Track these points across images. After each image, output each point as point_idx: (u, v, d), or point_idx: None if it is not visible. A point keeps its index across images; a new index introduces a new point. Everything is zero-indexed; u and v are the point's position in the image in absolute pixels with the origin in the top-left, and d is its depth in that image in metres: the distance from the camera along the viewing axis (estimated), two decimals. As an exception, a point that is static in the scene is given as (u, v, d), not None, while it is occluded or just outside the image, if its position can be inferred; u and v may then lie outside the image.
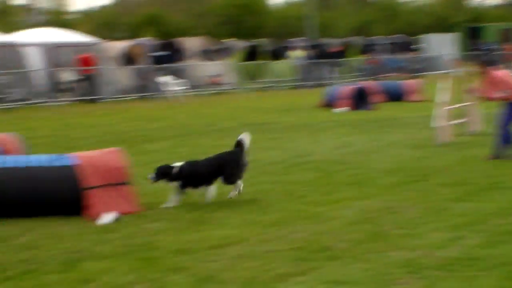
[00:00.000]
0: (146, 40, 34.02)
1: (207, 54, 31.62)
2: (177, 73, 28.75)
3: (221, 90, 30.62)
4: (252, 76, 32.30)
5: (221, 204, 8.83)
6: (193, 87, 29.55)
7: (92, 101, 25.38)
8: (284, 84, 33.37)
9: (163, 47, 30.89)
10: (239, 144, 8.95)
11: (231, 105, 24.36)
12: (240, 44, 35.36)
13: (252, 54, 33.74)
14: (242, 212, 8.41)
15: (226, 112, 21.39)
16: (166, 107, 23.84)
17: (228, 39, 39.77)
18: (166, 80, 26.93)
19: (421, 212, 8.21)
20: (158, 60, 29.18)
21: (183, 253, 6.76)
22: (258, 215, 8.25)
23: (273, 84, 32.50)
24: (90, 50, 25.86)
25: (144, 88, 27.39)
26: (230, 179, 8.85)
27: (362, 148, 13.30)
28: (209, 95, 29.26)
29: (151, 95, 27.27)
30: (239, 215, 8.25)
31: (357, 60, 38.95)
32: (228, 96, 29.23)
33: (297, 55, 34.05)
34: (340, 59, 35.87)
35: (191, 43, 31.65)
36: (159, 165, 9.11)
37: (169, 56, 29.60)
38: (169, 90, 26.76)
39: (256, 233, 7.42)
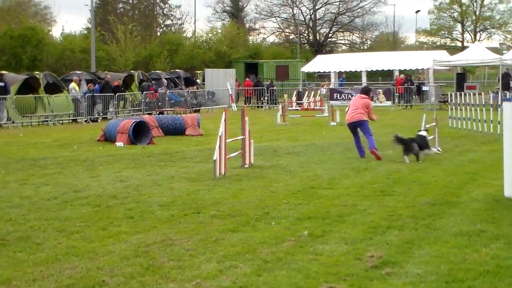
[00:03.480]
0: None
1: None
2: None
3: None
4: (27, 110, 31.15)
5: (-12, 243, 8.41)
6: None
7: None
8: (63, 118, 32.60)
9: None
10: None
11: (3, 140, 23.29)
12: (15, 77, 33.79)
13: (28, 87, 32.44)
14: (10, 251, 8.06)
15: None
16: None
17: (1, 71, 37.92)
18: None
19: (195, 244, 8.35)
20: None
21: None
22: (28, 253, 7.94)
23: (51, 118, 31.58)
24: None
25: None
26: None
27: (139, 182, 13.31)
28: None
29: None
30: (6, 254, 7.89)
31: (137, 94, 38.99)
32: (1, 130, 27.90)
33: (76, 88, 33.38)
34: (121, 93, 35.71)
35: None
36: None
37: None
38: None
39: (24, 273, 7.15)
